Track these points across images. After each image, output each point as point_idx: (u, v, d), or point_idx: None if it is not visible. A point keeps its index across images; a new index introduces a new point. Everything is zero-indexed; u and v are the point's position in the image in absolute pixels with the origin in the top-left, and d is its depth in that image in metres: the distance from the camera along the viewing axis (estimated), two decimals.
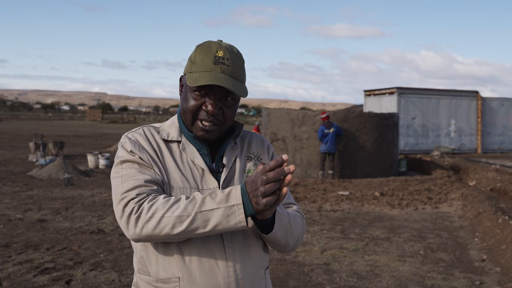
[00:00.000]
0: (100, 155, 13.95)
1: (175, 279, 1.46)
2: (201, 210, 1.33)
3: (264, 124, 13.85)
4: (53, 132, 30.58)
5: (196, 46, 1.55)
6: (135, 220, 1.36)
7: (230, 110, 1.52)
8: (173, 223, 1.33)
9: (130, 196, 1.39)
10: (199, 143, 1.56)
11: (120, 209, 1.40)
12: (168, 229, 1.34)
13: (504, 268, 5.22)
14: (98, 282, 4.59)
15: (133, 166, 1.48)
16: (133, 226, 1.36)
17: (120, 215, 1.40)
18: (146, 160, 1.49)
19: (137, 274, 1.55)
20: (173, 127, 1.59)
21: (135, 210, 1.36)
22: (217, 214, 1.33)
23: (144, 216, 1.35)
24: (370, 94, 22.85)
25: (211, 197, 1.35)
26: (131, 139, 1.53)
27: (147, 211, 1.35)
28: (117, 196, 1.43)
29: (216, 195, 1.35)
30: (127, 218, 1.37)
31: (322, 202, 9.17)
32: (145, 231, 1.35)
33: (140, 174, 1.45)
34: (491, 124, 22.42)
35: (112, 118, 63.61)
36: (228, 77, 1.47)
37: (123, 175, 1.46)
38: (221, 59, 1.48)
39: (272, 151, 1.72)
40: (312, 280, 4.85)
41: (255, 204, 1.31)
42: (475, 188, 10.39)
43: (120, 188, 1.44)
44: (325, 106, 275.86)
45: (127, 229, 1.38)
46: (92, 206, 8.24)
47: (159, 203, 1.36)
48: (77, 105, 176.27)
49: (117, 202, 1.42)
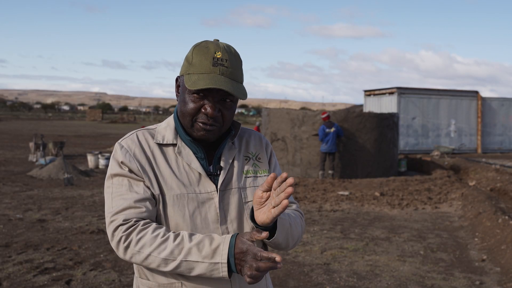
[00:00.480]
0: (100, 155, 13.95)
1: (178, 284, 1.45)
2: (186, 259, 1.36)
3: (264, 124, 13.84)
4: (53, 132, 30.58)
5: (193, 46, 1.51)
6: (124, 249, 1.40)
7: (229, 111, 1.50)
8: (158, 263, 1.37)
9: (118, 221, 1.41)
10: (196, 146, 1.54)
11: (110, 232, 1.43)
12: (155, 266, 1.39)
13: (504, 268, 5.22)
14: (98, 282, 4.59)
15: (123, 182, 1.47)
16: (122, 253, 1.41)
17: (110, 238, 1.43)
18: (137, 172, 1.47)
19: (138, 278, 1.54)
20: (169, 129, 1.56)
21: (123, 239, 1.39)
22: (201, 267, 1.35)
23: (132, 248, 1.39)
24: (370, 94, 22.85)
25: (197, 249, 1.36)
26: (123, 147, 1.50)
27: (135, 244, 1.38)
28: (107, 216, 1.46)
29: (203, 246, 1.36)
30: (116, 244, 1.41)
31: (322, 202, 9.17)
32: (134, 260, 1.41)
33: (129, 193, 1.45)
34: (491, 124, 22.42)
35: (112, 118, 63.60)
36: (227, 79, 1.45)
37: (113, 192, 1.47)
38: (220, 60, 1.46)
39: (271, 149, 1.70)
40: (312, 280, 4.85)
41: (239, 271, 1.35)
42: (475, 188, 10.39)
43: (110, 207, 1.46)
44: (325, 106, 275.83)
45: (117, 253, 1.43)
46: (92, 206, 8.24)
47: (147, 239, 1.38)
48: (77, 105, 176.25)
49: (107, 223, 1.45)
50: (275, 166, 1.69)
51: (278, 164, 1.72)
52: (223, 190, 1.52)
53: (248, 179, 1.58)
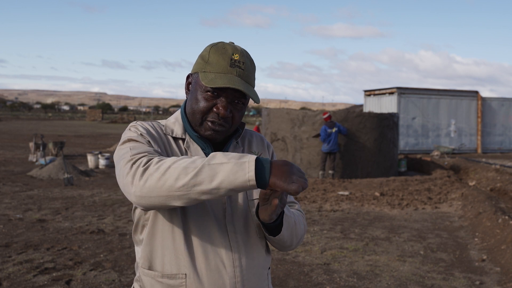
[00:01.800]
0: (100, 155, 13.95)
1: (182, 276, 1.44)
2: (210, 163, 1.23)
3: (264, 124, 13.84)
4: (53, 132, 30.59)
5: (209, 45, 1.52)
6: (141, 172, 1.27)
7: (239, 113, 1.51)
8: (178, 173, 1.23)
9: (140, 156, 1.33)
10: (203, 142, 1.54)
11: (128, 166, 1.31)
12: (172, 181, 1.23)
13: (504, 268, 5.22)
14: (98, 282, 4.59)
15: (142, 140, 1.42)
16: (138, 178, 1.27)
17: (126, 172, 1.30)
18: (154, 146, 1.44)
19: (140, 269, 1.52)
20: (177, 124, 1.57)
21: (143, 162, 1.29)
22: (226, 168, 1.22)
23: (151, 167, 1.27)
24: (370, 94, 22.85)
25: (223, 154, 1.26)
26: (142, 126, 1.49)
27: (156, 163, 1.27)
28: (125, 159, 1.34)
29: (229, 153, 1.27)
30: (134, 171, 1.28)
31: (322, 202, 9.17)
32: (148, 183, 1.25)
33: (149, 147, 1.39)
34: (491, 124, 22.42)
35: (112, 118, 63.61)
36: (243, 81, 1.46)
37: (132, 148, 1.38)
38: (237, 62, 1.46)
39: (272, 150, 1.72)
40: (312, 280, 4.85)
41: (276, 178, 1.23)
42: (475, 188, 10.39)
43: (128, 154, 1.35)
44: (325, 106, 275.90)
45: (131, 184, 1.28)
46: (92, 206, 8.24)
47: (170, 158, 1.29)
48: (77, 105, 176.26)
49: (124, 163, 1.33)
50: None
51: None
52: None
53: None
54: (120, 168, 1.35)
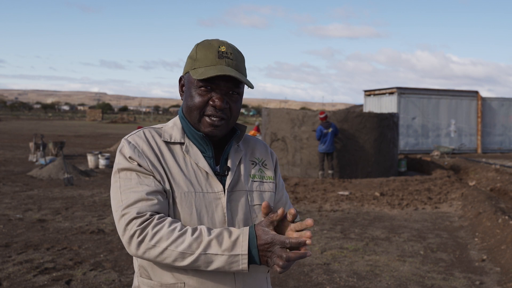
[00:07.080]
0: (100, 155, 13.94)
1: (180, 285, 1.43)
2: (206, 252, 1.32)
3: (264, 124, 13.84)
4: (53, 132, 30.58)
5: (195, 45, 1.53)
6: (137, 244, 1.34)
7: (236, 104, 1.51)
8: (175, 257, 1.32)
9: (131, 214, 1.36)
10: (204, 145, 1.52)
11: (122, 227, 1.37)
12: (170, 261, 1.34)
13: (504, 268, 5.22)
14: (98, 282, 4.59)
15: (131, 176, 1.43)
16: (134, 248, 1.35)
17: (122, 233, 1.37)
18: (146, 167, 1.43)
19: (138, 277, 1.52)
20: (176, 128, 1.55)
21: (138, 233, 1.34)
22: (221, 260, 1.32)
23: (147, 242, 1.33)
24: (370, 94, 22.85)
25: (217, 241, 1.32)
26: (131, 143, 1.47)
27: (151, 238, 1.32)
28: (117, 210, 1.39)
29: (222, 239, 1.33)
30: (129, 238, 1.35)
31: (322, 202, 9.17)
32: (147, 256, 1.35)
33: (139, 186, 1.40)
34: (491, 124, 22.42)
35: (112, 118, 63.57)
36: (234, 70, 1.46)
37: (121, 186, 1.42)
38: (225, 53, 1.48)
39: (276, 159, 1.71)
40: (312, 280, 4.85)
41: (264, 262, 1.34)
42: (475, 188, 10.39)
43: (119, 201, 1.40)
44: (325, 106, 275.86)
45: (128, 248, 1.37)
46: (92, 206, 8.24)
47: (164, 232, 1.32)
48: (77, 105, 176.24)
49: (118, 218, 1.39)
50: (279, 178, 1.70)
51: (280, 176, 1.73)
52: (230, 191, 1.51)
53: (255, 183, 1.58)
54: (114, 210, 1.42)
